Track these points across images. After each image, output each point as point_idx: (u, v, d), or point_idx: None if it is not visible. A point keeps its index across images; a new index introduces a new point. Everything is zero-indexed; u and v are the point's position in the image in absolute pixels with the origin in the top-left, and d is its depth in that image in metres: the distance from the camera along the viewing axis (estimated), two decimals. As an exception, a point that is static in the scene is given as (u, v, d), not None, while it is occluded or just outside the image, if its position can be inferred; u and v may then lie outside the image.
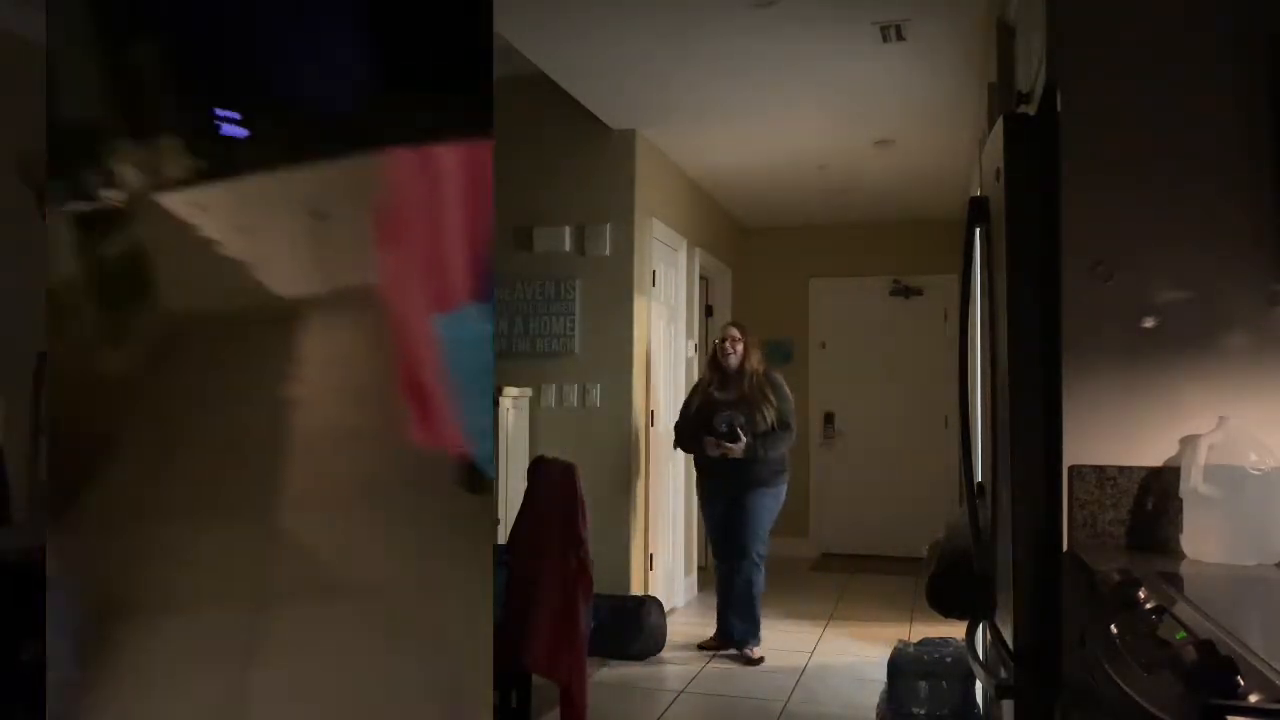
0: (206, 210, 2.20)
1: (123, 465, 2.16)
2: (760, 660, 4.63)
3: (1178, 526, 1.77)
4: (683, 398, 5.20)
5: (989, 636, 2.30)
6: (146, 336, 2.22)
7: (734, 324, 4.99)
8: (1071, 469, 1.88)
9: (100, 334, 2.20)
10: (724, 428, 4.61)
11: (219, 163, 2.17)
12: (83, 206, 2.03)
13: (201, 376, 2.27)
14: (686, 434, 4.86)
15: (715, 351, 4.87)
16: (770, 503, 4.74)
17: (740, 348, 4.77)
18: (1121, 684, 1.20)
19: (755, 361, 4.77)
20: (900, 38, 3.76)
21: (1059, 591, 1.85)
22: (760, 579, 4.72)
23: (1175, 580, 1.61)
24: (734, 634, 4.75)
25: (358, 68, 2.14)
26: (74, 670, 1.87)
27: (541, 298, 5.10)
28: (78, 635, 1.90)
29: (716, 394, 4.77)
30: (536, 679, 3.35)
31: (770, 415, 4.64)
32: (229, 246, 2.23)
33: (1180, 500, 1.77)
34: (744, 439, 4.58)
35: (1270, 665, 1.04)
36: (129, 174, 2.09)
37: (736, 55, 4.01)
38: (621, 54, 4.05)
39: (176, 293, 2.25)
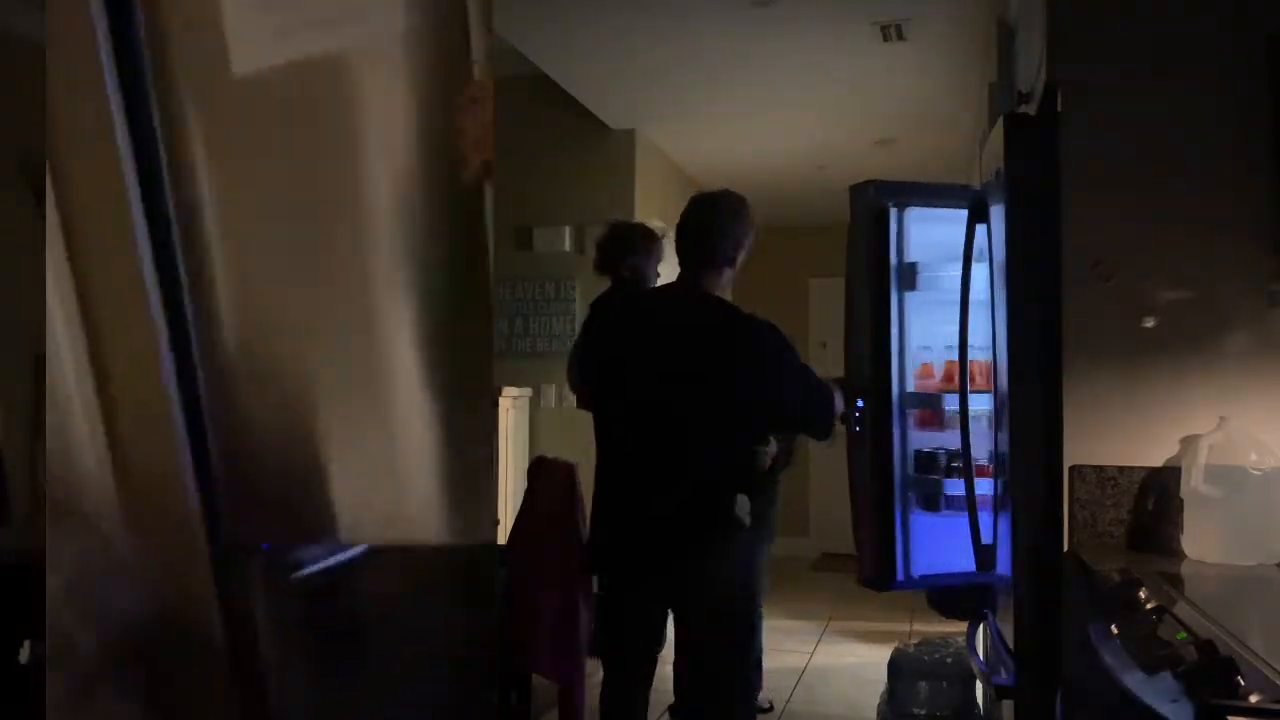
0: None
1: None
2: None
3: (1178, 526, 1.77)
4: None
5: (989, 636, 2.30)
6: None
7: None
8: (1072, 469, 1.88)
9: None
10: None
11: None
12: None
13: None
14: None
15: None
16: None
17: None
18: (1122, 684, 1.20)
19: None
20: (900, 37, 3.76)
21: (1059, 591, 1.85)
22: None
23: (1175, 580, 1.61)
24: None
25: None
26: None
27: (541, 298, 5.09)
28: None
29: None
30: (536, 679, 3.34)
31: None
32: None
33: (1180, 500, 1.77)
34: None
35: (1270, 665, 1.04)
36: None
37: (736, 55, 4.01)
38: (621, 54, 4.05)
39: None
